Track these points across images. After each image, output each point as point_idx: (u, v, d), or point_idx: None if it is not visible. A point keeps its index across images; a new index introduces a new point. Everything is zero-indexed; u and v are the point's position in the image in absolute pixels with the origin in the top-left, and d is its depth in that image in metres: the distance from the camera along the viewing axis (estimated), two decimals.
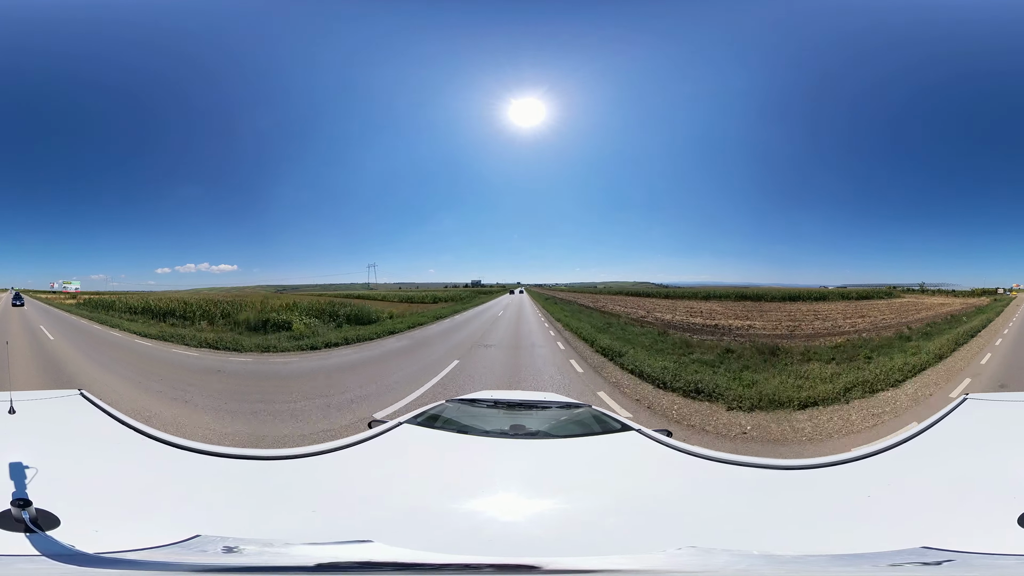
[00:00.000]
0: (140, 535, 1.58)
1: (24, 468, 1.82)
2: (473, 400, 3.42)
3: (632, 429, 2.74)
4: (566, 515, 1.95)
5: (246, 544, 1.54)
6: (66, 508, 1.65)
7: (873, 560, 1.49)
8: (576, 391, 9.28)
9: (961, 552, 1.50)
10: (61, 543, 1.50)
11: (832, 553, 1.56)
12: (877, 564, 1.47)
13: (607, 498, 2.09)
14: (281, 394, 9.79)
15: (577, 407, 3.31)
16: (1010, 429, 2.65)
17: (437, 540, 1.69)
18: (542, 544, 1.71)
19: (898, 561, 1.47)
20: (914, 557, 1.49)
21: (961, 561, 1.47)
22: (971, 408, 2.77)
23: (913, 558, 1.48)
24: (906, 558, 1.48)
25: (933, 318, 12.89)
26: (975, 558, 1.48)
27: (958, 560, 1.47)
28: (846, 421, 7.72)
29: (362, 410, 8.42)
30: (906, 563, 1.46)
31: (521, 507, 2.03)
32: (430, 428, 2.81)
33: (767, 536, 1.76)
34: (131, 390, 9.54)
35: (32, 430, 2.58)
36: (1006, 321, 12.15)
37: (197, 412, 8.67)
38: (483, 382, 10.19)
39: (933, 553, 1.50)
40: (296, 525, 1.80)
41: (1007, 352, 9.94)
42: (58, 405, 3.00)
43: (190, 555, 1.51)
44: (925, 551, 1.52)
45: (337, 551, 1.52)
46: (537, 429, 2.87)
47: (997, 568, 1.47)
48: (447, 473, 2.35)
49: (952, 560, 1.47)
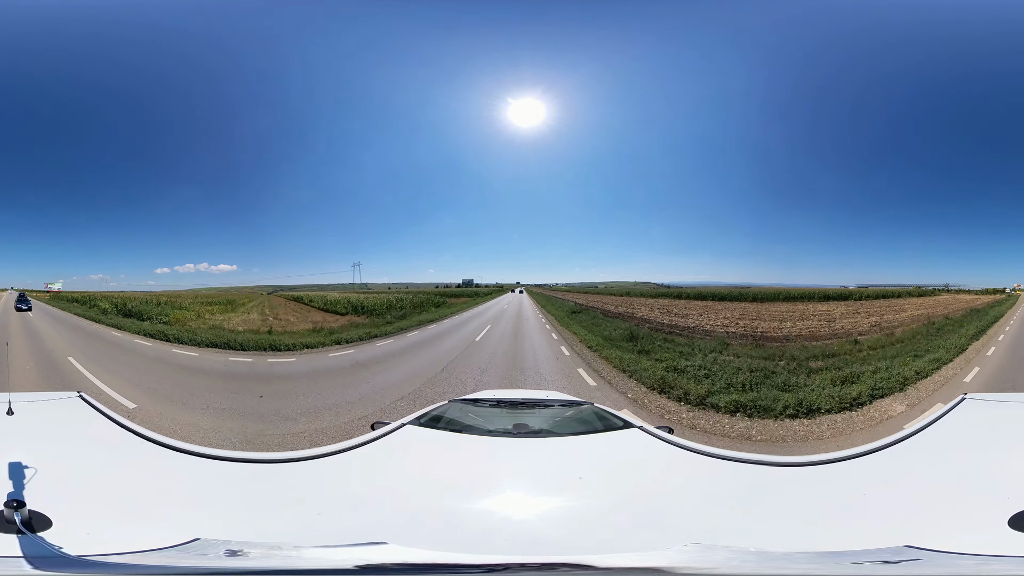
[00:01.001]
0: (136, 538, 1.55)
1: (22, 470, 1.80)
2: (475, 400, 3.41)
3: (634, 426, 2.74)
4: (574, 513, 1.95)
5: (250, 547, 1.52)
6: (63, 510, 1.63)
7: (866, 556, 1.51)
8: None
9: (942, 552, 1.50)
10: (55, 547, 1.47)
11: (826, 550, 1.57)
12: (870, 560, 1.49)
13: (612, 495, 2.09)
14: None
15: (579, 405, 3.31)
16: (1007, 429, 2.65)
17: (453, 540, 1.67)
18: (558, 543, 1.71)
19: (892, 558, 1.49)
20: (889, 556, 1.51)
21: (931, 560, 1.48)
22: (969, 408, 2.77)
23: (888, 556, 1.50)
24: (881, 556, 1.50)
25: (968, 308, 17.45)
26: (949, 557, 1.49)
27: (929, 559, 1.48)
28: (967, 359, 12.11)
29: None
30: (901, 560, 1.48)
31: (531, 506, 2.03)
32: (433, 429, 2.80)
33: (767, 532, 1.76)
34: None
35: (30, 432, 2.56)
36: (1014, 311, 17.53)
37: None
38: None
39: (910, 551, 1.52)
40: (302, 528, 1.78)
41: (1021, 324, 16.20)
42: (56, 407, 2.98)
43: (189, 558, 1.48)
44: (905, 549, 1.53)
45: (352, 553, 1.49)
46: (540, 427, 2.87)
47: (985, 567, 1.48)
48: (453, 473, 2.34)
49: (922, 559, 1.48)
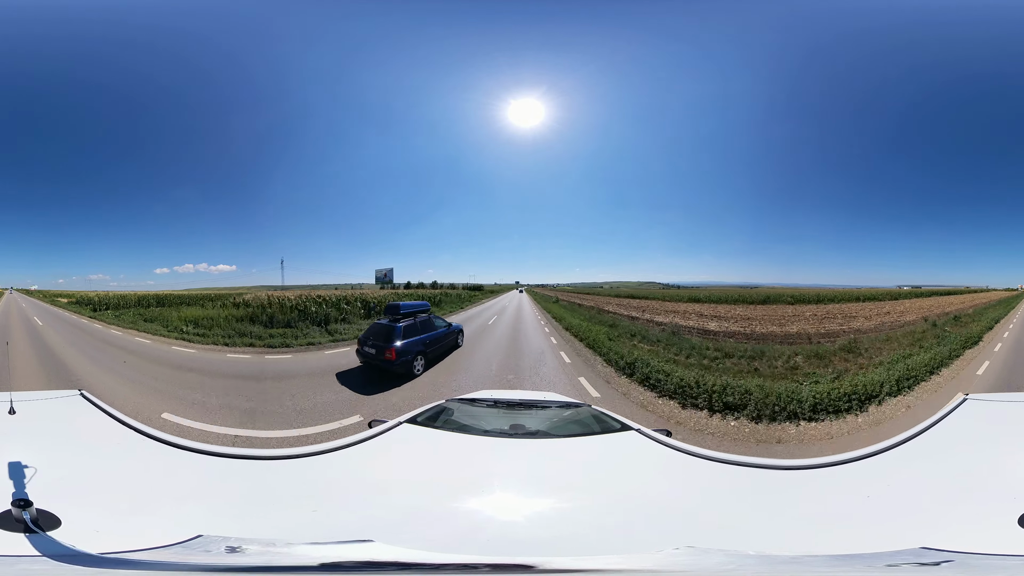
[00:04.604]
0: (142, 535, 1.57)
1: (24, 468, 1.82)
2: (473, 400, 3.42)
3: (631, 429, 2.73)
4: (565, 515, 1.95)
5: (249, 544, 1.54)
6: (67, 508, 1.65)
7: (870, 560, 1.49)
8: None
9: (959, 552, 1.49)
10: (62, 544, 1.49)
11: (829, 553, 1.56)
12: (874, 564, 1.47)
13: (606, 498, 2.08)
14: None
15: (576, 407, 3.31)
16: (1009, 429, 2.64)
17: (437, 540, 1.69)
18: (540, 544, 1.71)
19: (895, 562, 1.47)
20: (912, 558, 1.48)
21: (959, 561, 1.46)
22: (970, 408, 2.76)
23: (911, 559, 1.48)
24: (903, 559, 1.48)
25: (998, 301, 24.26)
26: (973, 558, 1.48)
27: (956, 560, 1.46)
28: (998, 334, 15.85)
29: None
30: (903, 563, 1.46)
31: (520, 507, 2.03)
32: (430, 428, 2.81)
33: (765, 536, 1.75)
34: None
35: (32, 430, 2.57)
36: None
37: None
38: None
39: (931, 553, 1.50)
40: (298, 525, 1.80)
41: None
42: (58, 405, 2.99)
43: (194, 555, 1.50)
44: (923, 551, 1.51)
45: (338, 551, 1.51)
46: (537, 429, 2.87)
47: (996, 569, 1.46)
48: (447, 473, 2.35)
49: (950, 560, 1.46)
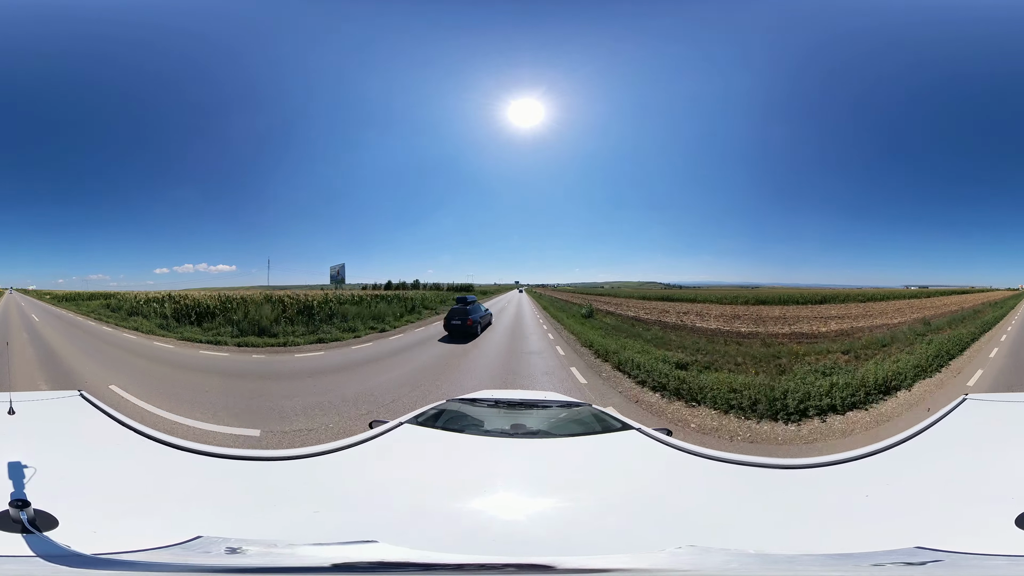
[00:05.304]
0: (141, 536, 1.56)
1: (23, 469, 1.81)
2: (473, 400, 3.41)
3: (632, 428, 2.73)
4: (567, 514, 1.94)
5: (250, 545, 1.53)
6: (65, 509, 1.64)
7: (867, 559, 1.48)
8: None
9: (953, 552, 1.49)
10: (59, 545, 1.48)
11: (828, 552, 1.55)
12: (871, 563, 1.47)
13: (608, 497, 2.08)
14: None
15: (577, 406, 3.30)
16: (1009, 429, 2.64)
17: (442, 540, 1.68)
18: (545, 543, 1.70)
19: (891, 561, 1.47)
20: (907, 557, 1.48)
21: (949, 561, 1.46)
22: (970, 408, 2.76)
23: (906, 558, 1.48)
24: (900, 558, 1.48)
25: (1004, 299, 25.55)
26: (966, 558, 1.47)
27: (946, 560, 1.46)
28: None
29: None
30: (899, 563, 1.46)
31: (523, 506, 2.02)
32: (431, 428, 2.81)
33: (765, 535, 1.75)
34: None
35: (31, 431, 2.56)
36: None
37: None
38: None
39: (923, 553, 1.50)
40: (299, 526, 1.79)
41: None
42: (57, 406, 2.98)
43: (193, 556, 1.49)
44: (917, 551, 1.51)
45: (343, 551, 1.50)
46: (537, 428, 2.87)
47: (990, 568, 1.46)
48: (449, 473, 2.34)
49: (939, 560, 1.46)
